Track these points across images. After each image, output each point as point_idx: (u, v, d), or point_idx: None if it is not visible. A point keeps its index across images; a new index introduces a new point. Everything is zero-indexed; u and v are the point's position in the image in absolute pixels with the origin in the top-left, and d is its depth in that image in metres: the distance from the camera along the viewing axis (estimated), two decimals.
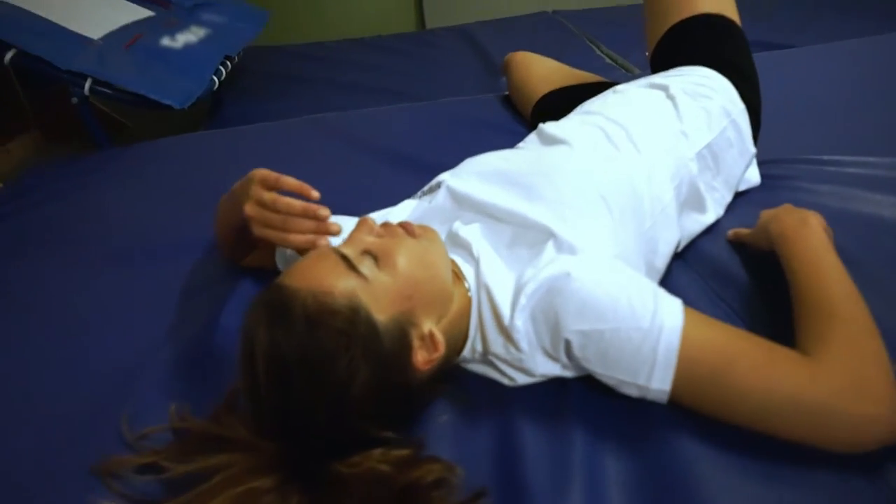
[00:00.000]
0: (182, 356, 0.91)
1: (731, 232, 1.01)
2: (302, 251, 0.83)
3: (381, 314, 0.70)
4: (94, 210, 1.35)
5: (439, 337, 0.73)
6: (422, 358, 0.72)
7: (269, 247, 0.97)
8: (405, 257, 0.74)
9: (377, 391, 0.67)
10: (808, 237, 0.82)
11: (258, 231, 0.80)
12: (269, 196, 0.79)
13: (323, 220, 0.78)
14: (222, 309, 0.98)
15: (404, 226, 0.79)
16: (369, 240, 0.76)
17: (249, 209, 0.80)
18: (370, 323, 0.68)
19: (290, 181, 0.80)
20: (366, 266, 0.71)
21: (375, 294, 0.70)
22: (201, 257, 1.13)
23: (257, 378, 0.66)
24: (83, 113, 1.69)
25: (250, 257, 1.03)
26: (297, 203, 0.78)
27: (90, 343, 0.96)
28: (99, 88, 1.65)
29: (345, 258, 0.71)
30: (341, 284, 0.69)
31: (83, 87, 1.62)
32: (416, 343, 0.72)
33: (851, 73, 1.60)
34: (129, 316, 1.01)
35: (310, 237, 0.78)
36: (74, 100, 1.65)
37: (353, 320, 0.67)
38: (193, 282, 1.07)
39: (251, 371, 0.66)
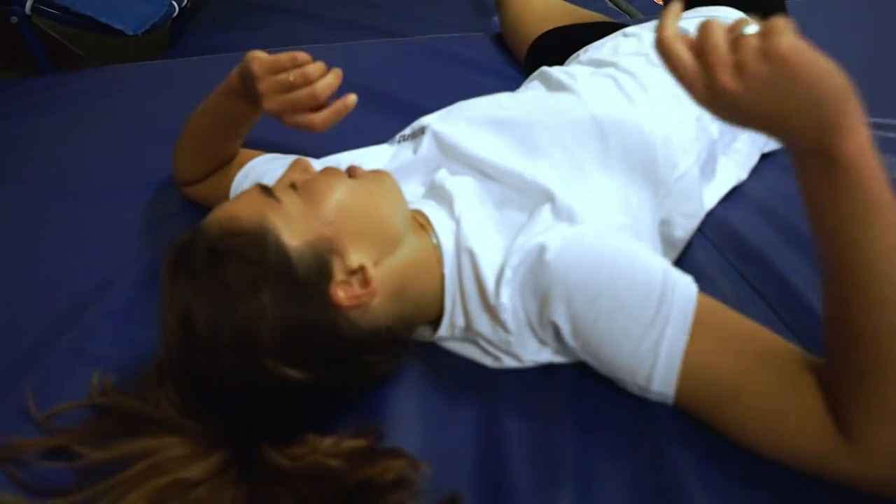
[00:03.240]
0: (121, 308, 0.84)
1: None
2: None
3: (295, 239, 0.64)
4: (34, 140, 1.25)
5: (373, 273, 0.66)
6: (344, 293, 0.64)
7: (226, 176, 0.93)
8: (333, 189, 0.68)
9: (293, 327, 0.61)
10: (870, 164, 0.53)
11: (293, 121, 0.78)
12: (294, 74, 0.76)
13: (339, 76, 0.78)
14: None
15: (350, 170, 0.73)
16: (299, 177, 0.71)
17: (272, 104, 0.78)
18: (280, 248, 0.62)
19: (286, 56, 0.76)
20: (285, 194, 0.67)
21: (289, 216, 0.65)
22: (148, 197, 1.06)
23: (168, 338, 0.62)
24: (24, 34, 1.60)
25: (204, 187, 0.97)
26: (317, 65, 0.76)
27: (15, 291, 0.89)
28: (41, 7, 1.58)
29: (264, 189, 0.67)
30: (250, 209, 0.65)
31: (24, 6, 1.56)
32: (338, 275, 0.64)
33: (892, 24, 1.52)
34: (62, 264, 0.94)
35: (341, 105, 0.77)
36: (14, 19, 1.57)
37: (262, 246, 0.62)
38: (144, 222, 1.01)
39: (164, 330, 0.62)
